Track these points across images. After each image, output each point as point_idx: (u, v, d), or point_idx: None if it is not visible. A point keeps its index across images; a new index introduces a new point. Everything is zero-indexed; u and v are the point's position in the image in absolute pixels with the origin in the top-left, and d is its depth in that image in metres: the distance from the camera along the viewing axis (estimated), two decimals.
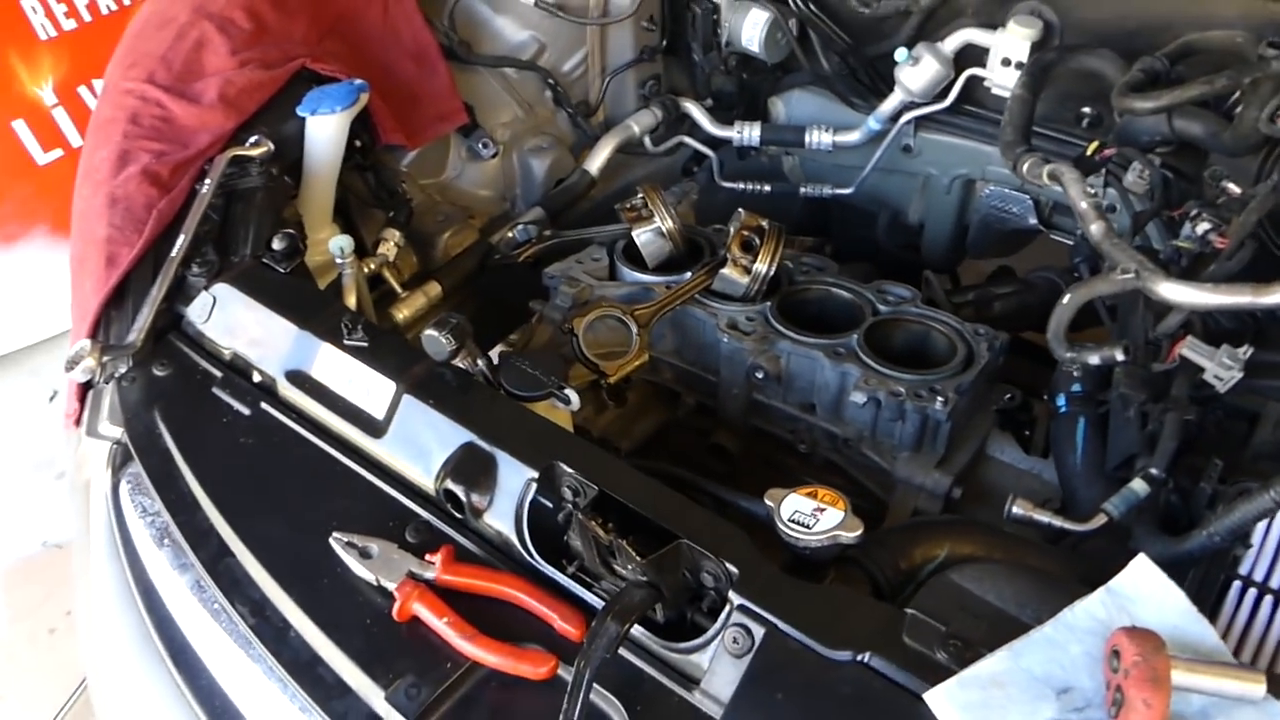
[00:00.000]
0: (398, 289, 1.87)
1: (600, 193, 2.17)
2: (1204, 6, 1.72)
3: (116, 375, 1.39)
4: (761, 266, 1.71)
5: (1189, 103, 1.52)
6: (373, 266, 1.79)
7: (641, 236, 1.78)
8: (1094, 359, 1.31)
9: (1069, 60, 1.77)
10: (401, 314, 1.86)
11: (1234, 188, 1.51)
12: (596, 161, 2.13)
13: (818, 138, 2.18)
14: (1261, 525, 1.13)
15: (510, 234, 1.97)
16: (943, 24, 2.01)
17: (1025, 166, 1.61)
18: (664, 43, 2.18)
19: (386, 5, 1.97)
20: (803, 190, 2.29)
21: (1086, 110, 1.94)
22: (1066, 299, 1.34)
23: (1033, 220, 2.15)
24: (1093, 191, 1.46)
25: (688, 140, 2.26)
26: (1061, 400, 1.42)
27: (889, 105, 2.07)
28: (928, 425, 1.57)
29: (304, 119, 1.71)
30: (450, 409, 1.23)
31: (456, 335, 1.25)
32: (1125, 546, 1.28)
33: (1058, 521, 1.25)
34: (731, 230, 1.77)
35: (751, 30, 2.11)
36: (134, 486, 1.33)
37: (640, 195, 1.82)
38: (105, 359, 1.38)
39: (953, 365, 1.60)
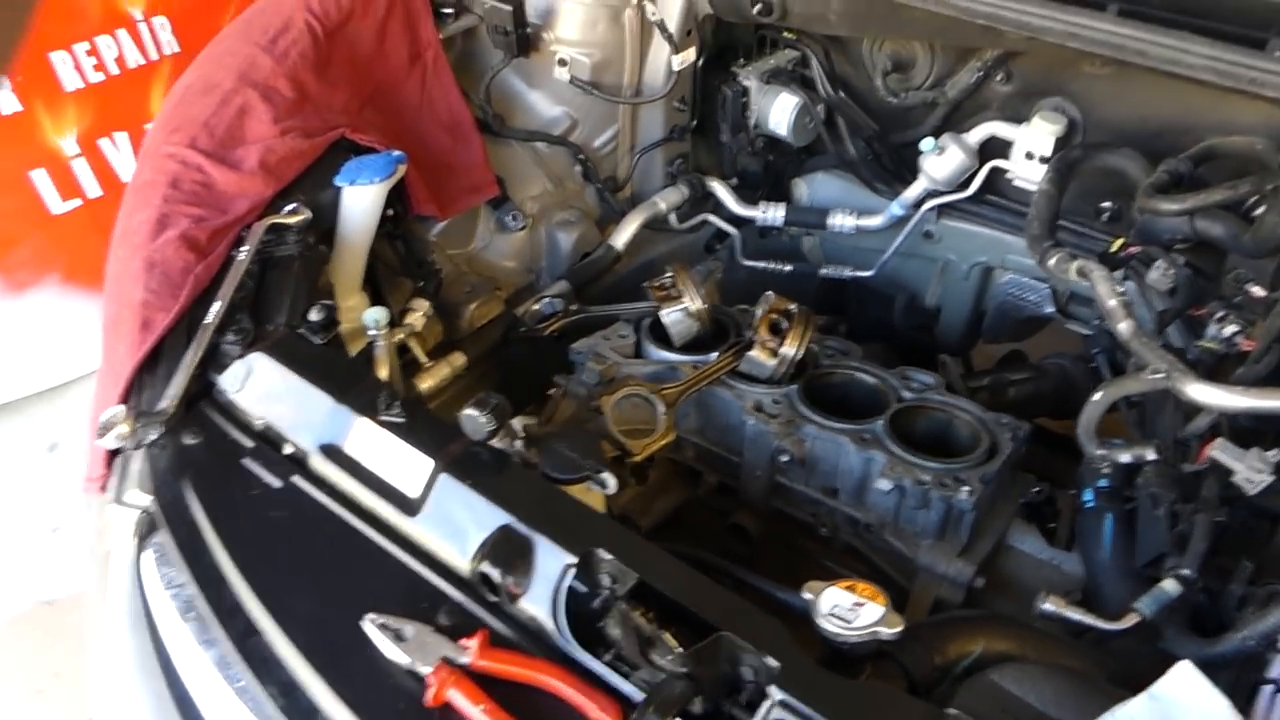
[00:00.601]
0: (422, 359, 1.88)
1: (625, 267, 2.19)
2: (1225, 113, 1.76)
3: (146, 442, 1.38)
4: (789, 350, 1.72)
5: (1213, 206, 1.55)
6: (400, 337, 1.80)
7: (669, 316, 1.80)
8: (1125, 457, 1.31)
9: (1093, 158, 1.81)
10: (425, 384, 1.86)
11: (1258, 290, 1.53)
12: (623, 237, 2.16)
13: (841, 221, 2.21)
14: None
15: (536, 306, 1.98)
16: (968, 116, 2.06)
17: (1053, 261, 1.64)
18: (694, 122, 2.22)
19: (425, 78, 2.00)
20: (822, 271, 2.32)
21: (1106, 205, 1.97)
22: (1098, 396, 1.35)
23: (1049, 309, 2.17)
24: (1121, 290, 1.48)
25: (712, 218, 2.29)
26: (1089, 495, 1.42)
27: (913, 192, 2.11)
28: (951, 514, 1.57)
29: (341, 188, 1.73)
30: (487, 489, 1.23)
31: (497, 415, 1.26)
32: (1154, 646, 1.28)
33: (1090, 619, 1.25)
34: (759, 312, 1.79)
35: (780, 114, 2.15)
36: (159, 557, 1.32)
37: (669, 274, 1.84)
38: (137, 425, 1.38)
39: (976, 455, 1.60)
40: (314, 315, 1.49)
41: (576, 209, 2.17)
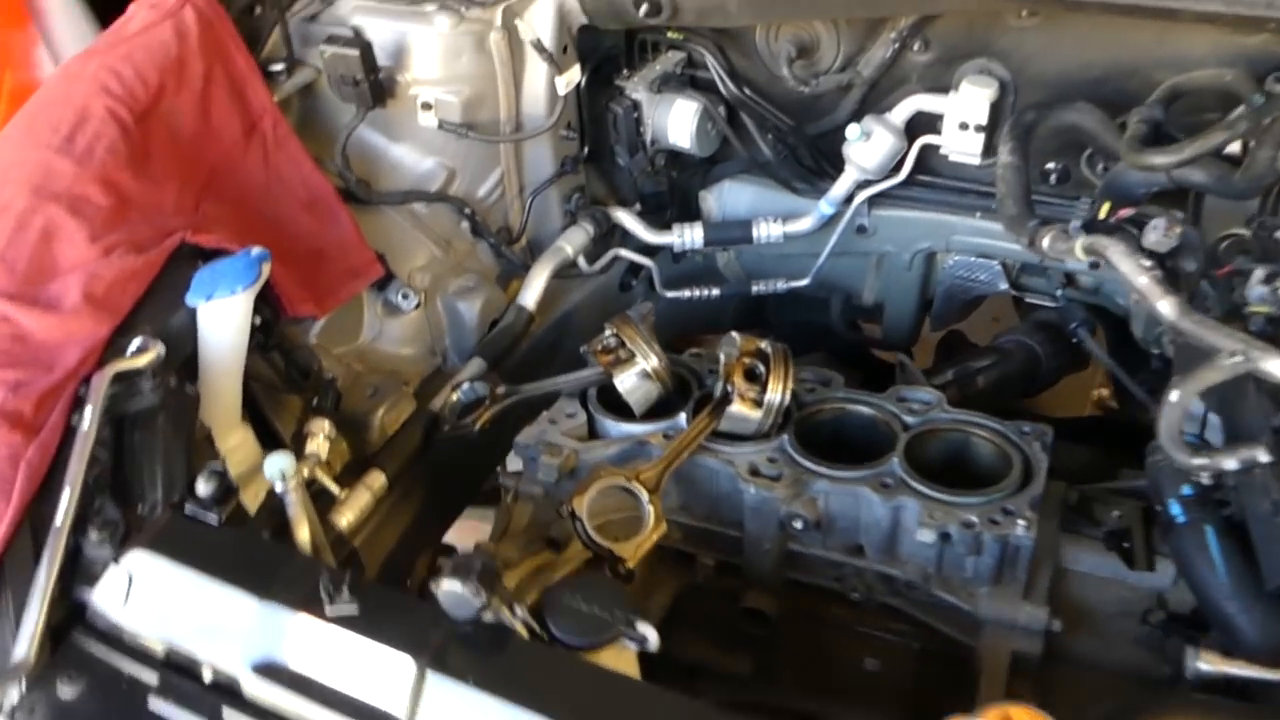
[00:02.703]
0: (334, 489, 1.54)
1: (540, 327, 1.90)
2: (1171, 46, 1.61)
3: (4, 711, 1.02)
4: (774, 396, 1.47)
5: (1212, 152, 1.38)
6: (305, 473, 1.46)
7: (625, 383, 1.52)
8: (1230, 463, 1.12)
9: (1049, 118, 1.63)
10: (344, 519, 1.52)
11: None
12: (532, 294, 1.86)
13: (766, 230, 1.98)
14: None
15: (454, 397, 1.66)
16: (886, 93, 1.86)
17: (1046, 242, 1.45)
18: (585, 151, 1.94)
19: (266, 151, 1.66)
20: (755, 289, 2.08)
21: (1052, 166, 1.80)
22: (1175, 397, 1.15)
23: (1003, 285, 2.00)
24: (1149, 264, 1.29)
25: (623, 253, 2.02)
26: (1176, 508, 1.22)
27: (842, 186, 1.89)
28: (1007, 553, 1.35)
29: (196, 307, 1.38)
30: (495, 683, 0.93)
31: (484, 581, 0.96)
32: None
33: (1257, 673, 1.05)
34: (723, 357, 1.53)
35: (680, 124, 1.90)
36: None
37: (609, 333, 1.56)
38: None
39: (1013, 477, 1.40)
40: (203, 487, 1.14)
41: (472, 272, 1.86)
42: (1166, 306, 1.23)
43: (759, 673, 1.56)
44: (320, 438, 1.53)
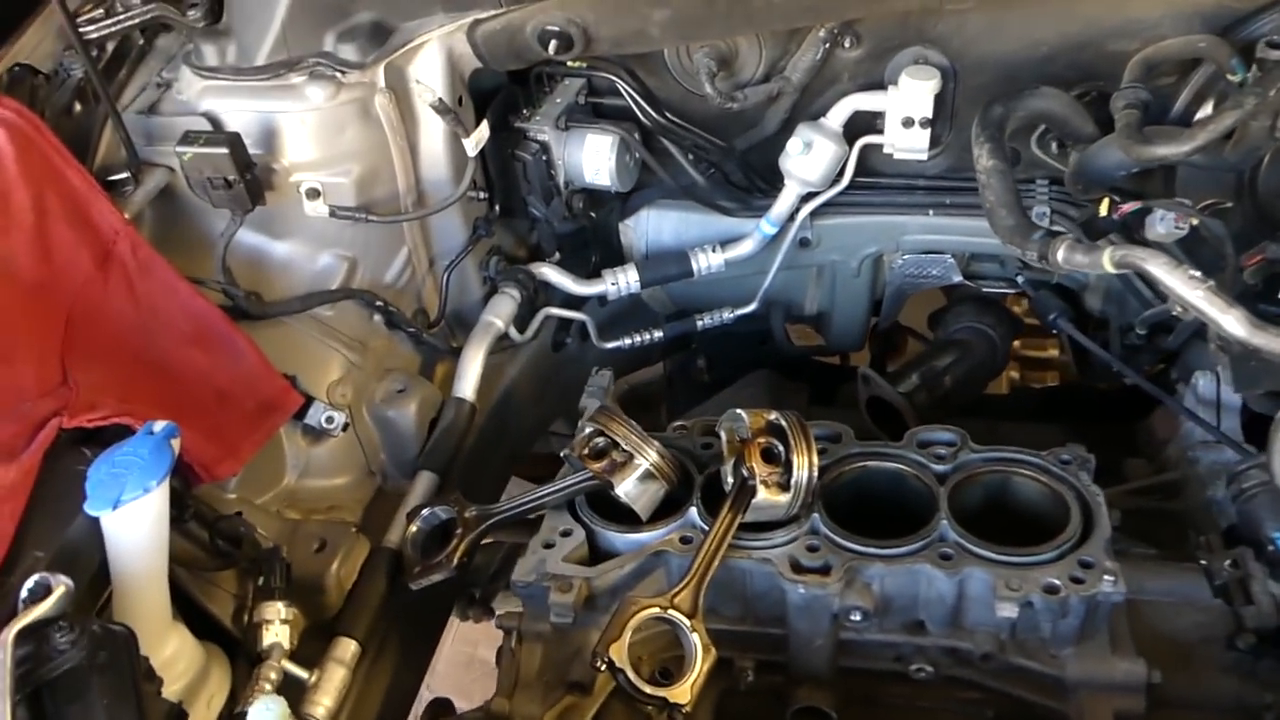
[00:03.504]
0: (301, 674, 1.29)
1: (480, 416, 1.66)
2: (1122, 14, 1.51)
3: None
4: (802, 474, 1.29)
5: (1224, 134, 1.28)
6: (274, 678, 1.20)
7: (630, 490, 1.32)
8: None
9: (1016, 109, 1.51)
10: (321, 708, 1.27)
11: None
12: (469, 382, 1.62)
13: (706, 261, 1.80)
14: None
15: (414, 528, 1.42)
16: (817, 95, 1.69)
17: (1061, 255, 1.32)
18: (496, 209, 1.70)
19: (131, 282, 1.36)
20: (700, 323, 1.90)
21: None
22: None
23: (957, 277, 1.89)
24: (1197, 274, 1.17)
25: (554, 311, 1.79)
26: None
27: (784, 203, 1.73)
28: (1091, 610, 1.23)
29: (99, 517, 1.10)
30: None
31: None
32: None
33: None
34: (723, 435, 1.35)
35: (596, 160, 1.69)
36: None
37: (592, 428, 1.35)
38: None
39: (1075, 521, 1.27)
40: None
41: (397, 372, 1.60)
42: (1234, 324, 1.12)
43: None
44: (276, 624, 1.27)
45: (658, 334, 1.88)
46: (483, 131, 1.52)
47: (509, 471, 1.45)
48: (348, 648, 1.34)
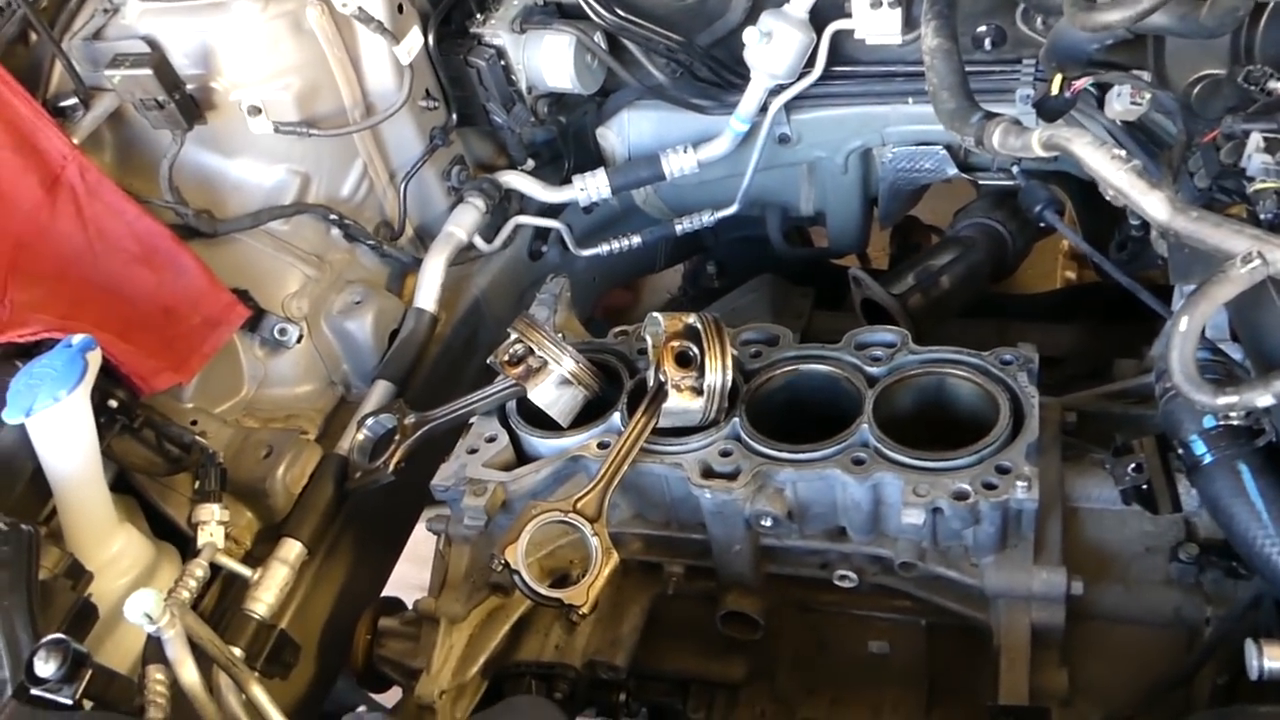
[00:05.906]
0: (244, 572, 1.35)
1: (447, 327, 1.68)
2: None
3: None
4: (714, 378, 1.27)
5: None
6: (199, 575, 1.26)
7: (542, 396, 1.32)
8: (1265, 399, 0.92)
9: None
10: (262, 603, 1.34)
11: None
12: (429, 293, 1.64)
13: (678, 163, 1.74)
14: None
15: (361, 435, 1.45)
16: None
17: (996, 138, 1.22)
18: (454, 117, 1.68)
19: (79, 205, 1.41)
20: (680, 227, 1.85)
21: (984, 29, 1.56)
22: (1183, 325, 0.94)
23: (951, 170, 1.78)
24: (1122, 153, 1.07)
25: (524, 220, 1.78)
26: (1199, 445, 1.04)
27: (752, 98, 1.65)
28: (1009, 517, 1.17)
29: (21, 424, 1.17)
30: None
31: None
32: None
33: None
34: (649, 341, 1.32)
35: (555, 62, 1.65)
36: None
37: (513, 338, 1.35)
38: None
39: (1001, 424, 1.20)
40: (43, 666, 0.94)
41: (356, 283, 1.63)
42: (1156, 206, 1.02)
43: (754, 675, 1.40)
44: (211, 525, 1.34)
45: (635, 240, 1.84)
46: (413, 39, 1.51)
47: (486, 382, 1.46)
48: (291, 548, 1.39)
